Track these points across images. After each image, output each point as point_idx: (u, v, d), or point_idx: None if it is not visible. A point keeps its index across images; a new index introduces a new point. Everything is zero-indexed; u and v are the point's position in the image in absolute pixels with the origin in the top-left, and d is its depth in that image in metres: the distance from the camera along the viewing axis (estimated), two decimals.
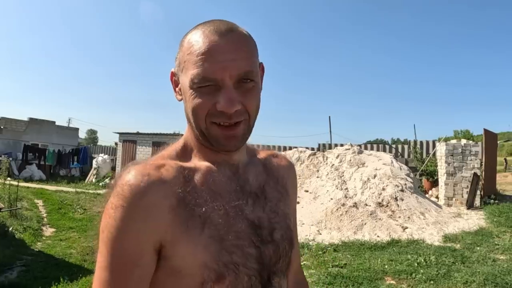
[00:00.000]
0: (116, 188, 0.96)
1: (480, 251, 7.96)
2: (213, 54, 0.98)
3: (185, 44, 1.04)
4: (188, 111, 1.04)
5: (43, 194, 16.13)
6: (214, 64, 0.97)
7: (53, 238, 9.25)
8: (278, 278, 1.10)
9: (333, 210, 10.60)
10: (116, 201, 0.94)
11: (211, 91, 0.99)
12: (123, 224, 0.93)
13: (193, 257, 0.96)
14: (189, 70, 1.00)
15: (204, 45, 0.99)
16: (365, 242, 8.74)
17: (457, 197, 13.60)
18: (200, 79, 0.98)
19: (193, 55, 0.99)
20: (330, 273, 6.70)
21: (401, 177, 12.34)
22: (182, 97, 1.07)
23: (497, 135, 18.43)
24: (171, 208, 0.96)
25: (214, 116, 1.00)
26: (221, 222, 1.01)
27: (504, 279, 6.17)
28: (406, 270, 6.78)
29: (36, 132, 29.04)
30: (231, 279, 0.98)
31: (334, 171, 12.99)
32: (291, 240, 1.16)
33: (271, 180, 1.20)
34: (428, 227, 9.94)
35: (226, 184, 1.08)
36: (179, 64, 1.05)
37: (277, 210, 1.15)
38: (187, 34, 1.06)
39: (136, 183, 0.95)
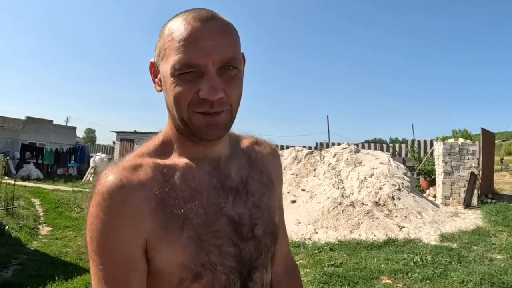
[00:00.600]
0: (97, 197, 0.95)
1: (477, 250, 7.95)
2: (196, 40, 0.95)
3: (166, 31, 1.01)
4: (169, 101, 1.01)
5: (40, 193, 16.08)
6: (197, 49, 0.95)
7: (49, 237, 9.23)
8: (260, 273, 1.11)
9: (329, 209, 10.58)
10: (99, 211, 0.94)
11: (193, 78, 0.96)
12: (111, 232, 0.94)
13: (172, 258, 0.97)
14: (170, 57, 0.97)
15: (186, 31, 0.96)
16: (361, 241, 8.72)
17: (455, 196, 13.62)
18: (182, 65, 0.95)
19: (174, 41, 0.97)
20: (325, 272, 6.68)
21: (398, 176, 12.33)
22: (162, 87, 1.05)
23: (495, 134, 18.45)
24: (151, 211, 0.97)
25: (196, 104, 0.97)
26: (200, 222, 1.00)
27: (501, 279, 6.16)
28: (402, 270, 6.76)
29: (33, 131, 28.98)
30: (208, 278, 0.99)
31: (331, 170, 12.97)
32: (274, 234, 1.16)
33: (255, 172, 1.19)
34: (425, 226, 9.93)
35: (205, 180, 1.06)
36: (159, 52, 1.02)
37: (259, 204, 1.14)
38: (167, 22, 1.03)
39: (116, 190, 0.94)
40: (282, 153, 15.30)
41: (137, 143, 20.56)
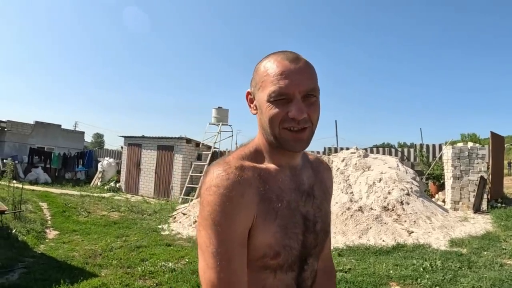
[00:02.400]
0: (219, 189, 1.21)
1: (487, 255, 7.86)
2: (286, 75, 1.27)
3: (262, 68, 1.33)
4: (264, 120, 1.31)
5: (48, 197, 16.08)
6: (288, 82, 1.26)
7: (56, 241, 9.22)
8: (313, 259, 1.43)
9: (338, 214, 10.51)
10: (223, 200, 1.20)
11: (284, 103, 1.27)
12: (233, 217, 1.21)
13: (264, 239, 1.27)
14: (266, 88, 1.29)
15: (278, 68, 1.29)
16: (370, 247, 8.65)
17: (464, 201, 13.50)
18: (276, 94, 1.26)
19: (269, 76, 1.29)
20: None
21: (406, 181, 12.25)
22: (256, 111, 1.37)
23: (504, 138, 18.29)
24: (257, 203, 1.26)
25: (286, 122, 1.27)
26: (286, 214, 1.32)
27: (511, 285, 6.08)
28: (412, 275, 6.67)
29: (42, 135, 29.11)
30: (283, 256, 1.30)
31: (340, 175, 12.91)
32: (327, 231, 1.50)
33: (318, 181, 1.51)
34: (434, 231, 9.84)
35: (289, 183, 1.38)
36: (256, 84, 1.35)
37: (320, 206, 1.46)
38: (261, 62, 1.36)
39: (237, 185, 1.23)
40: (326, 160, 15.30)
41: (144, 148, 20.49)
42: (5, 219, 9.60)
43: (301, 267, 1.37)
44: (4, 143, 26.82)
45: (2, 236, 8.49)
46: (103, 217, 12.39)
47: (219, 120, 20.28)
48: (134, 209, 14.28)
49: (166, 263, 7.31)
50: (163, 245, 8.89)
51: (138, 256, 7.85)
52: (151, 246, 8.75)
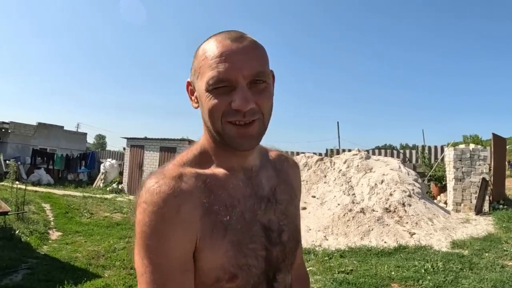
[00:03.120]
0: (150, 206, 1.01)
1: (488, 257, 7.87)
2: (227, 56, 1.05)
3: (200, 52, 1.11)
4: (205, 114, 1.10)
5: (51, 198, 16.13)
6: (228, 65, 1.04)
7: (59, 242, 9.25)
8: (283, 274, 1.21)
9: (340, 216, 10.55)
10: (154, 218, 1.00)
11: (226, 92, 1.05)
12: (167, 238, 1.01)
13: (214, 260, 1.06)
14: (204, 74, 1.07)
15: (217, 49, 1.06)
16: (371, 248, 8.67)
17: (466, 202, 13.51)
18: (215, 80, 1.04)
19: (207, 59, 1.07)
20: (336, 279, 6.64)
21: (408, 183, 12.27)
22: (198, 104, 1.14)
23: (506, 139, 18.30)
24: (199, 217, 1.05)
25: (229, 115, 1.05)
26: (239, 228, 1.10)
27: None
28: (413, 277, 6.70)
29: (44, 136, 29.16)
30: (242, 278, 1.08)
31: (342, 176, 12.95)
32: (297, 240, 1.28)
33: (281, 182, 1.28)
34: (436, 233, 9.86)
35: (242, 190, 1.15)
36: (195, 72, 1.13)
37: (286, 212, 1.24)
38: (201, 45, 1.13)
39: (171, 199, 1.02)
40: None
41: (147, 149, 20.55)
42: (9, 220, 9.65)
43: (270, 286, 1.16)
44: (7, 144, 26.88)
45: (5, 237, 8.54)
46: (106, 218, 12.42)
47: None
48: None
49: None
50: None
51: None
52: None
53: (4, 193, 13.48)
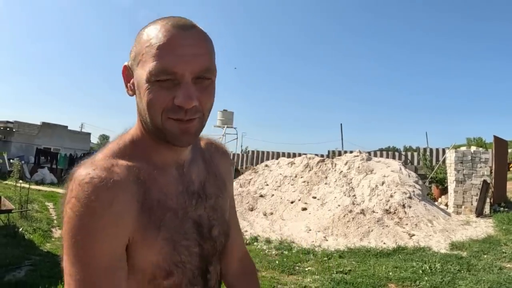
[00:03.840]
0: (81, 199, 0.93)
1: (486, 259, 7.93)
2: (174, 47, 0.97)
3: (144, 36, 1.01)
4: (142, 106, 1.02)
5: (54, 197, 16.20)
6: (175, 57, 0.96)
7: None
8: (214, 266, 1.19)
9: (340, 217, 10.62)
10: (85, 212, 0.92)
11: (169, 86, 0.98)
12: (98, 233, 0.93)
13: (148, 257, 1.02)
14: (147, 63, 0.97)
15: (164, 38, 0.97)
16: (371, 249, 8.75)
17: (467, 204, 13.54)
18: (159, 71, 0.96)
19: (152, 47, 0.97)
20: (334, 279, 6.72)
21: (409, 184, 12.32)
22: (133, 92, 1.06)
23: (507, 142, 18.30)
24: (133, 212, 0.99)
25: (170, 111, 0.99)
26: (173, 226, 1.06)
27: (509, 287, 6.15)
28: (410, 277, 6.77)
29: (48, 136, 29.32)
30: (178, 275, 1.05)
31: (343, 178, 13.01)
32: (227, 233, 1.24)
33: (211, 176, 1.24)
34: (436, 234, 9.92)
35: (174, 186, 1.10)
36: (135, 57, 1.03)
37: (216, 206, 1.20)
38: (145, 27, 1.04)
39: (102, 192, 0.94)
40: (294, 160, 15.39)
41: None
42: (12, 218, 9.76)
43: (204, 280, 1.15)
44: (11, 143, 27.05)
45: (9, 235, 8.64)
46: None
47: (224, 122, 20.47)
48: None
49: None
50: None
51: None
52: None
53: (8, 192, 13.59)
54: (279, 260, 8.01)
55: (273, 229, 10.87)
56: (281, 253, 8.69)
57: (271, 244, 9.46)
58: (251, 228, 11.01)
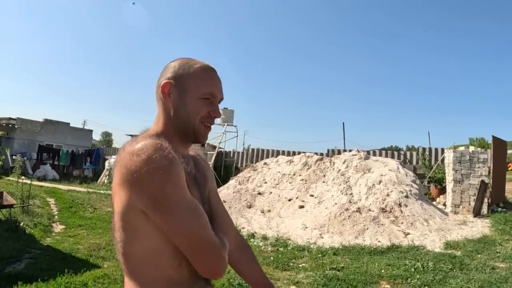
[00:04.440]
0: (161, 161, 1.29)
1: (480, 258, 7.99)
2: (216, 81, 1.55)
3: (197, 70, 1.51)
4: (186, 113, 1.49)
5: (56, 193, 16.37)
6: (216, 87, 1.54)
7: (62, 234, 9.47)
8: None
9: (336, 215, 10.72)
10: (167, 164, 1.30)
11: (207, 103, 1.51)
12: (180, 178, 1.33)
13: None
14: (200, 87, 1.50)
15: (211, 75, 1.54)
16: (365, 247, 8.85)
17: (464, 204, 13.61)
18: (207, 93, 1.50)
19: (204, 79, 1.51)
20: (326, 275, 6.79)
21: (406, 184, 12.41)
22: (172, 103, 1.50)
23: (506, 142, 18.34)
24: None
25: (206, 118, 1.51)
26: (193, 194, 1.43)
27: (500, 287, 6.20)
28: (402, 275, 6.84)
29: (51, 133, 29.47)
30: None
31: (340, 176, 13.10)
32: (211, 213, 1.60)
33: (197, 170, 1.64)
34: (431, 233, 10.00)
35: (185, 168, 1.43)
36: (184, 81, 1.50)
37: (204, 190, 1.60)
38: (188, 63, 1.53)
39: (173, 156, 1.33)
40: (293, 159, 15.48)
41: None
42: (14, 213, 9.94)
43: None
44: (14, 140, 27.20)
45: (10, 229, 8.80)
46: (108, 213, 12.58)
47: (224, 120, 20.57)
48: None
49: None
50: None
51: None
52: None
53: (10, 187, 13.77)
54: (274, 256, 8.11)
55: (270, 226, 10.97)
56: (276, 249, 8.79)
57: (268, 241, 9.56)
58: (248, 225, 11.11)
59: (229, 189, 14.11)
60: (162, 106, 1.52)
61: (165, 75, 1.52)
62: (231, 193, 13.52)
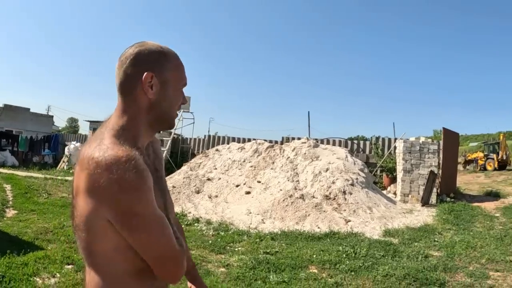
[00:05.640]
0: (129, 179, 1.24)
1: (415, 246, 8.07)
2: (184, 68, 1.55)
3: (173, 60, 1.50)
4: (168, 104, 1.49)
5: (13, 179, 16.20)
6: (185, 75, 1.55)
7: (13, 219, 9.36)
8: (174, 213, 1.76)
9: (280, 201, 10.74)
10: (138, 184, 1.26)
11: (181, 91, 1.54)
12: (149, 196, 1.29)
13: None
14: (180, 79, 1.51)
15: (181, 63, 1.53)
16: (303, 233, 8.87)
17: (413, 193, 13.86)
18: (184, 83, 1.54)
19: (180, 70, 1.52)
20: (257, 259, 6.79)
21: (353, 172, 12.51)
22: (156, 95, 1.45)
23: (458, 134, 18.71)
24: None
25: (179, 107, 1.56)
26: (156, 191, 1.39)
27: (426, 275, 6.18)
28: (332, 260, 6.85)
29: (10, 118, 29.10)
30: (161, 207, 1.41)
31: (289, 163, 13.13)
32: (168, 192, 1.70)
33: (156, 158, 1.65)
34: (373, 221, 10.10)
35: (150, 163, 1.47)
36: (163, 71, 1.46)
37: (162, 176, 1.65)
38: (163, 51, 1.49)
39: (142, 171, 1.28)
40: (244, 146, 15.48)
41: None
42: None
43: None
44: None
45: None
46: (62, 198, 12.51)
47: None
48: None
49: None
50: None
51: None
52: None
53: None
54: (213, 240, 8.08)
55: (215, 211, 10.92)
56: (217, 233, 8.75)
57: (211, 225, 9.51)
58: (194, 210, 11.06)
59: (180, 175, 14.00)
60: (132, 98, 1.45)
61: (135, 64, 1.44)
62: (181, 179, 13.41)
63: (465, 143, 74.50)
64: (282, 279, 5.97)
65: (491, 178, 28.75)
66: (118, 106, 1.47)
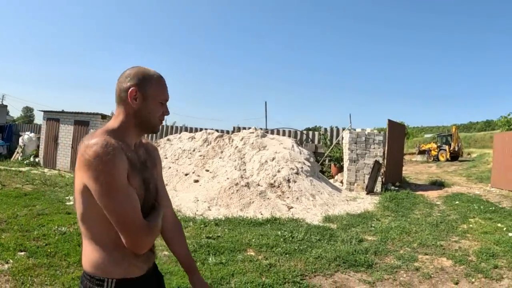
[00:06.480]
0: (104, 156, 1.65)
1: (352, 231, 8.49)
2: (166, 88, 1.98)
3: (155, 80, 1.93)
4: (148, 113, 1.90)
5: None
6: (167, 93, 1.97)
7: None
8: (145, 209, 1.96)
9: (226, 189, 11.03)
10: (110, 162, 1.66)
11: (162, 105, 1.94)
12: (117, 170, 1.68)
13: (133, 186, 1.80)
14: (159, 94, 1.92)
15: (163, 84, 1.97)
16: (245, 219, 9.20)
17: (359, 182, 14.39)
18: (163, 99, 1.94)
19: (160, 89, 1.93)
20: (199, 243, 7.06)
21: (298, 161, 12.88)
22: (137, 105, 1.88)
23: (405, 126, 19.37)
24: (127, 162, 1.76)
25: (161, 116, 1.95)
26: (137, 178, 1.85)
27: (355, 257, 6.57)
28: (269, 244, 7.19)
29: None
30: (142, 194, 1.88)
31: (237, 153, 13.42)
32: (157, 188, 2.08)
33: (147, 155, 2.08)
34: (315, 208, 10.50)
35: (135, 156, 1.90)
36: (148, 89, 1.89)
37: (151, 173, 2.03)
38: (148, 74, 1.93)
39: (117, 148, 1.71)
40: (195, 135, 15.68)
41: (62, 122, 20.21)
42: None
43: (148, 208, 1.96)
44: None
45: None
46: (16, 189, 12.37)
47: None
48: (48, 182, 14.32)
49: (60, 227, 7.66)
50: (64, 213, 9.14)
51: (37, 222, 8.12)
52: (52, 214, 8.99)
53: None
54: None
55: None
56: None
57: None
58: None
59: None
60: (123, 106, 1.90)
61: (127, 81, 1.89)
62: None
63: (420, 135, 76.44)
64: (220, 261, 6.26)
65: (442, 168, 29.79)
66: (115, 112, 1.94)
